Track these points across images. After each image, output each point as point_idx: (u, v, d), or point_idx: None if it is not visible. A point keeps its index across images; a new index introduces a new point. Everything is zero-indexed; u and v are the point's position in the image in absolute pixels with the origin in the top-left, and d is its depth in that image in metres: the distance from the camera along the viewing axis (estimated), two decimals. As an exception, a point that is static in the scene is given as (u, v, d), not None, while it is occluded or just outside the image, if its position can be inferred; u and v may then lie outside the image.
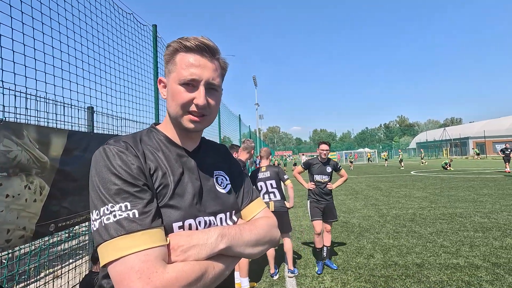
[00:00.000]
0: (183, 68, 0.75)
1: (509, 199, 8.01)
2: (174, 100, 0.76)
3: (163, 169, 0.76)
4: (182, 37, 0.78)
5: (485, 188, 10.30)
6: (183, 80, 0.74)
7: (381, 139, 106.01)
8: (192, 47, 0.75)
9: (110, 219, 0.62)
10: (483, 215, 6.32)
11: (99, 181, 0.66)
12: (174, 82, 0.76)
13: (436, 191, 10.16)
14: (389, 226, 5.79)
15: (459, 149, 49.68)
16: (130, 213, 0.63)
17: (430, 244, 4.62)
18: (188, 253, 0.66)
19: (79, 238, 3.91)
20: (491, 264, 3.74)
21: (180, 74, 0.75)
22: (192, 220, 0.75)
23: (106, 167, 0.67)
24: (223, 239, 0.71)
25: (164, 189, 0.73)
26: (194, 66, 0.75)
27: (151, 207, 0.66)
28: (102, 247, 0.62)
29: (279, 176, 3.83)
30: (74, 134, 2.42)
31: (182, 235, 0.69)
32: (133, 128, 3.30)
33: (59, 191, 2.21)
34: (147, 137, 0.81)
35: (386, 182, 13.93)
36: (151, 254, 0.60)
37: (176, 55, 0.77)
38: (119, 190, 0.65)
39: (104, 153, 0.70)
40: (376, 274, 3.62)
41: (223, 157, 0.97)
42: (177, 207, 0.73)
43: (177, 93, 0.75)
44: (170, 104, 0.78)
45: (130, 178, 0.67)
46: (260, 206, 0.93)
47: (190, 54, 0.76)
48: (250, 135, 18.28)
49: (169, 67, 0.79)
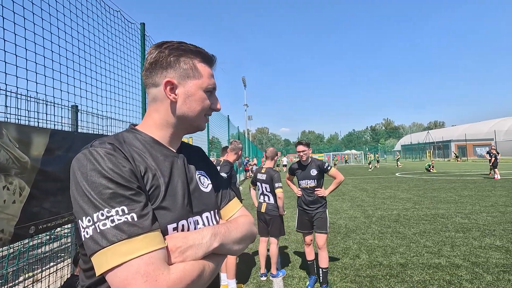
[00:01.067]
0: (209, 77, 0.85)
1: (487, 201, 8.32)
2: (201, 104, 0.84)
3: (153, 170, 0.75)
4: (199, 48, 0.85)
5: (466, 190, 10.66)
6: (209, 88, 0.85)
7: (368, 141, 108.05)
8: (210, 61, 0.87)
9: (107, 224, 0.60)
10: (464, 216, 6.54)
11: (89, 185, 0.63)
12: (199, 88, 0.83)
13: (420, 193, 10.43)
14: (375, 227, 5.90)
15: (441, 151, 51.22)
16: (128, 217, 0.62)
17: (414, 244, 4.74)
18: (186, 254, 0.67)
19: (61, 240, 3.79)
20: (471, 263, 3.87)
21: (205, 82, 0.84)
22: (184, 221, 0.76)
23: (95, 170, 0.64)
24: (216, 238, 0.74)
25: (156, 190, 0.72)
26: (212, 76, 0.87)
27: (148, 210, 0.66)
28: (99, 254, 0.59)
29: (273, 182, 3.76)
30: (57, 133, 2.34)
31: (178, 236, 0.70)
32: (119, 128, 3.24)
33: (40, 192, 2.13)
34: (130, 138, 0.79)
35: (372, 184, 14.20)
36: (155, 256, 0.60)
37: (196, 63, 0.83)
38: (114, 194, 0.63)
39: (91, 155, 0.67)
40: (362, 274, 3.68)
41: (201, 158, 0.99)
42: (170, 208, 0.73)
43: (204, 99, 0.84)
44: (191, 107, 0.83)
45: (124, 181, 0.65)
46: (237, 205, 0.98)
47: (207, 66, 0.86)
48: (239, 136, 18.25)
49: (188, 71, 0.81)
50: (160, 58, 0.79)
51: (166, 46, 0.80)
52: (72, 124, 2.77)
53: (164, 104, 0.81)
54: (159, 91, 0.80)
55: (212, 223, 0.85)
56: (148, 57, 0.81)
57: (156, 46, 0.81)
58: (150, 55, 0.81)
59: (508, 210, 7.01)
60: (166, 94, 0.80)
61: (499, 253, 4.18)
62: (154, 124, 0.83)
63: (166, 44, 0.81)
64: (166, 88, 0.79)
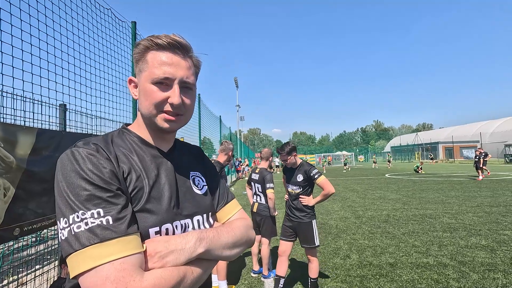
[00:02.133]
0: (156, 66, 0.72)
1: (473, 201, 8.54)
2: (148, 99, 0.73)
3: (137, 171, 0.72)
4: (152, 35, 0.75)
5: (453, 191, 10.91)
6: (156, 79, 0.72)
7: (358, 142, 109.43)
8: (164, 45, 0.73)
9: (81, 227, 0.58)
10: (451, 216, 6.69)
11: (67, 186, 0.62)
12: (147, 81, 0.73)
13: (409, 193, 10.62)
14: (365, 227, 5.97)
15: (430, 153, 52.29)
16: (103, 220, 0.60)
17: (403, 244, 4.82)
18: (166, 259, 0.64)
19: (47, 242, 3.70)
20: (458, 262, 3.96)
21: (152, 73, 0.72)
22: (169, 225, 0.72)
23: (74, 171, 0.63)
24: (201, 243, 0.69)
25: (139, 192, 0.70)
26: (167, 64, 0.73)
27: (126, 213, 0.63)
28: (72, 257, 0.58)
29: (264, 183, 3.73)
30: (44, 132, 2.28)
31: (160, 240, 0.66)
32: (109, 127, 3.18)
33: (25, 193, 2.08)
34: (119, 138, 0.78)
35: (362, 184, 14.37)
36: (127, 262, 0.58)
37: (147, 53, 0.75)
38: (90, 196, 0.61)
39: (72, 156, 0.65)
40: (352, 274, 3.71)
41: (198, 158, 0.95)
42: (153, 211, 0.70)
43: (150, 93, 0.73)
44: (143, 104, 0.75)
45: (102, 182, 0.63)
46: (235, 207, 0.93)
47: (162, 52, 0.74)
48: (231, 137, 18.21)
49: (140, 65, 0.76)
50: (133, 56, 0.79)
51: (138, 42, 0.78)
52: (60, 123, 2.71)
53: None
54: None
55: (203, 227, 0.81)
56: None
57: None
58: None
59: (493, 210, 7.20)
60: (131, 92, 0.81)
61: (484, 252, 4.28)
62: (138, 124, 0.82)
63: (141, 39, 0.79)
64: (130, 86, 0.81)
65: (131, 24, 3.58)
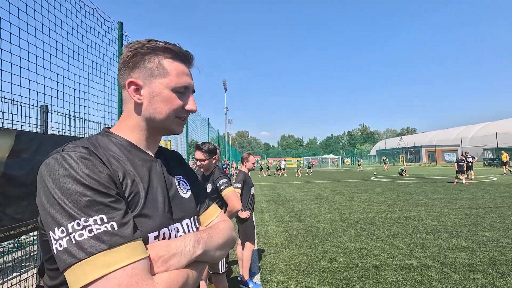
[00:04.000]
0: (177, 75, 0.77)
1: (455, 203, 8.82)
2: (168, 105, 0.77)
3: (132, 176, 0.71)
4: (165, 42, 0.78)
5: (436, 193, 11.23)
6: (178, 87, 0.77)
7: (345, 145, 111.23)
8: (181, 55, 0.79)
9: (84, 235, 0.55)
10: (433, 218, 6.87)
11: (62, 193, 0.58)
12: (167, 87, 0.76)
13: (393, 196, 10.86)
14: (351, 230, 6.05)
15: (413, 156, 53.76)
16: (108, 226, 0.57)
17: (388, 246, 4.91)
18: (169, 263, 0.65)
19: (26, 248, 3.55)
20: (440, 263, 4.07)
21: (173, 81, 0.76)
22: (166, 229, 0.72)
23: (69, 176, 0.59)
24: (199, 245, 0.72)
25: (136, 197, 0.69)
26: (186, 74, 0.79)
27: (129, 218, 0.62)
28: (75, 268, 0.54)
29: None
30: (24, 134, 2.20)
31: (160, 245, 0.67)
32: (92, 129, 3.10)
33: (3, 197, 1.99)
34: (105, 142, 0.75)
35: (349, 187, 14.59)
36: (138, 267, 0.57)
37: (163, 60, 0.76)
38: (91, 201, 0.58)
39: (63, 160, 0.61)
40: (339, 277, 3.75)
41: (179, 163, 0.96)
42: (151, 216, 0.70)
43: (171, 99, 0.77)
44: (159, 108, 0.76)
45: (102, 187, 0.61)
46: (216, 211, 0.96)
47: (179, 63, 0.79)
48: (219, 139, 18.12)
49: (153, 70, 0.75)
50: (126, 58, 0.76)
51: (133, 45, 0.76)
52: (41, 124, 2.61)
53: (132, 106, 0.78)
54: (127, 92, 0.78)
55: (192, 230, 0.82)
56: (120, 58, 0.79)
57: (125, 46, 0.78)
58: (121, 55, 0.79)
59: (473, 212, 7.46)
60: (130, 95, 0.77)
61: (465, 254, 4.42)
62: (128, 127, 0.79)
63: (133, 43, 0.77)
64: (130, 89, 0.77)
65: (118, 24, 3.51)
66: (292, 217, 7.56)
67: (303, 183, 18.39)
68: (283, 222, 7.07)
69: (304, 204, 9.58)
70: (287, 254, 4.69)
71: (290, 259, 4.47)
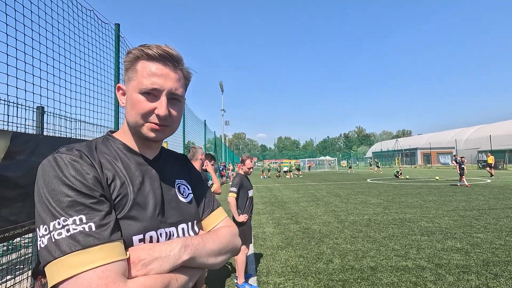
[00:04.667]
0: (144, 76, 0.72)
1: (449, 205, 8.90)
2: (134, 109, 0.73)
3: (122, 178, 0.72)
4: (144, 44, 0.75)
5: (430, 195, 11.33)
6: (144, 89, 0.72)
7: (341, 148, 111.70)
8: (155, 56, 0.73)
9: (62, 234, 0.57)
10: (428, 220, 6.93)
11: (49, 193, 0.60)
12: (134, 90, 0.73)
13: (389, 198, 10.93)
14: (347, 232, 6.08)
15: (409, 158, 54.13)
16: (86, 226, 0.58)
17: (383, 248, 4.94)
18: (150, 267, 0.63)
19: (20, 251, 3.52)
20: (435, 265, 4.10)
21: (140, 82, 0.72)
22: (153, 232, 0.72)
23: (57, 177, 0.62)
24: (186, 250, 0.69)
25: (123, 199, 0.69)
26: (156, 75, 0.72)
27: (109, 219, 0.62)
28: (52, 265, 0.56)
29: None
30: (19, 136, 2.19)
31: (144, 248, 0.66)
32: (90, 131, 3.09)
33: (-2, 200, 1.97)
34: (103, 145, 0.77)
35: (345, 189, 14.65)
36: (110, 269, 0.57)
37: (137, 63, 0.74)
38: (73, 202, 0.60)
39: (54, 162, 0.64)
40: (335, 279, 3.76)
41: (183, 166, 0.95)
42: (137, 218, 0.70)
43: (137, 102, 0.72)
44: (129, 112, 0.75)
45: (85, 189, 0.62)
46: (221, 215, 0.93)
47: (152, 63, 0.73)
48: (215, 141, 18.11)
49: (129, 74, 0.75)
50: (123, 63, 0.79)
51: (129, 50, 0.77)
52: (37, 126, 2.60)
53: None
54: None
55: (188, 235, 0.81)
56: None
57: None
58: None
59: (467, 214, 7.54)
60: (119, 100, 0.80)
61: (459, 255, 4.47)
62: (123, 131, 0.82)
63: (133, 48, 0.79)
64: (118, 93, 0.80)
65: (115, 26, 3.52)
66: (288, 219, 7.57)
67: (300, 185, 18.43)
68: (280, 224, 7.08)
69: (300, 206, 9.61)
70: (283, 256, 4.70)
71: (287, 261, 4.48)
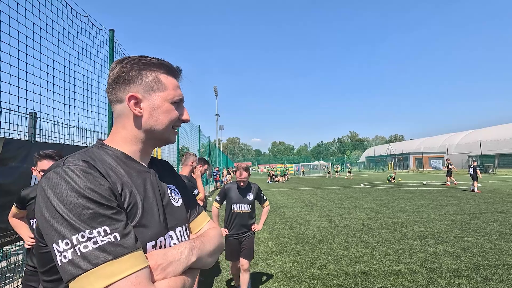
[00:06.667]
0: (174, 89, 0.84)
1: (441, 209, 9.02)
2: (168, 116, 0.83)
3: (129, 187, 0.73)
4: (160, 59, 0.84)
5: (423, 200, 11.46)
6: (175, 99, 0.84)
7: (335, 152, 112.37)
8: (174, 72, 0.86)
9: (89, 246, 0.57)
10: (421, 224, 7.01)
11: (65, 206, 0.60)
12: (165, 100, 0.82)
13: (382, 202, 11.02)
14: (341, 237, 6.11)
15: (401, 163, 54.73)
16: (111, 237, 0.60)
17: (376, 252, 4.98)
18: (167, 270, 0.68)
19: (10, 259, 3.44)
20: (427, 269, 4.15)
21: (170, 94, 0.83)
22: (162, 238, 0.76)
23: (72, 190, 0.61)
24: (193, 252, 0.76)
25: (134, 208, 0.72)
26: (178, 87, 0.87)
27: (130, 228, 0.65)
28: (81, 278, 0.56)
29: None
30: (11, 142, 2.17)
31: (158, 253, 0.70)
32: (82, 137, 3.07)
33: (-12, 207, 1.95)
34: (101, 155, 0.77)
35: (339, 194, 14.72)
36: (141, 275, 0.60)
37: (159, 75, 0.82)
38: (94, 214, 0.60)
39: (65, 174, 0.63)
40: (329, 284, 3.78)
41: (170, 173, 0.99)
42: (148, 226, 0.73)
43: (171, 111, 0.83)
44: (159, 120, 0.82)
45: (104, 200, 0.63)
46: (206, 218, 1.01)
47: (172, 78, 0.86)
48: (209, 146, 18.07)
49: (151, 84, 0.80)
50: (122, 74, 0.78)
51: (128, 61, 0.79)
52: (29, 132, 2.58)
53: (130, 119, 0.80)
54: (124, 106, 0.79)
55: (184, 237, 0.86)
56: (110, 74, 0.81)
57: (117, 62, 0.81)
58: (112, 71, 0.80)
59: (458, 218, 7.65)
60: (131, 109, 0.79)
61: (451, 259, 4.53)
62: (123, 140, 0.81)
63: (127, 59, 0.80)
64: (130, 103, 0.79)
65: (109, 32, 3.53)
66: (282, 224, 7.57)
67: (294, 190, 18.45)
68: (274, 229, 7.08)
69: (294, 211, 9.62)
70: (277, 261, 4.70)
71: (281, 266, 4.47)
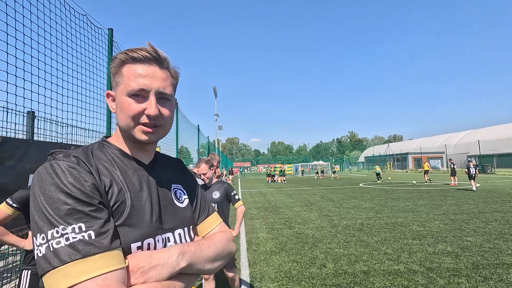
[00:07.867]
0: (131, 79, 0.72)
1: (440, 209, 9.03)
2: (124, 112, 0.73)
3: (119, 184, 0.71)
4: (128, 49, 0.75)
5: (421, 199, 11.48)
6: (132, 91, 0.72)
7: (334, 152, 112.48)
8: (140, 58, 0.73)
9: (61, 242, 0.56)
10: (420, 224, 7.02)
11: (46, 201, 0.59)
12: (122, 94, 0.73)
13: (381, 202, 11.03)
14: (340, 236, 6.10)
15: (400, 163, 54.83)
16: (85, 234, 0.58)
17: (376, 252, 4.97)
18: (148, 274, 0.63)
19: (7, 258, 3.43)
20: (426, 268, 4.15)
21: (127, 85, 0.72)
22: (151, 239, 0.71)
23: (54, 185, 0.61)
24: (184, 257, 0.69)
25: (121, 206, 0.69)
26: (142, 76, 0.73)
27: (108, 227, 0.62)
28: (50, 275, 0.55)
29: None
30: (9, 141, 2.16)
31: (142, 255, 0.66)
32: (81, 136, 3.06)
33: (-15, 206, 1.93)
34: (99, 151, 0.76)
35: (338, 194, 14.73)
36: (111, 277, 0.56)
37: (122, 67, 0.75)
38: (71, 210, 0.59)
39: (51, 169, 0.63)
40: (328, 283, 3.77)
41: (178, 171, 0.94)
42: (135, 225, 0.69)
43: (126, 105, 0.72)
44: (120, 117, 0.75)
45: (84, 196, 0.62)
46: (216, 221, 0.93)
47: (137, 65, 0.74)
48: (209, 146, 18.06)
49: (117, 79, 0.76)
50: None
51: (114, 56, 0.78)
52: (27, 131, 2.57)
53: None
54: None
55: (184, 241, 0.80)
56: None
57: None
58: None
59: (457, 217, 7.66)
60: (109, 106, 0.80)
61: (450, 258, 4.53)
62: (117, 137, 0.81)
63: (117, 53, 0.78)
64: (108, 100, 0.80)
65: (108, 31, 3.51)
66: (282, 224, 7.56)
67: (293, 189, 18.45)
68: (273, 229, 7.07)
69: (294, 211, 9.61)
70: (277, 261, 4.69)
71: (280, 266, 4.46)
